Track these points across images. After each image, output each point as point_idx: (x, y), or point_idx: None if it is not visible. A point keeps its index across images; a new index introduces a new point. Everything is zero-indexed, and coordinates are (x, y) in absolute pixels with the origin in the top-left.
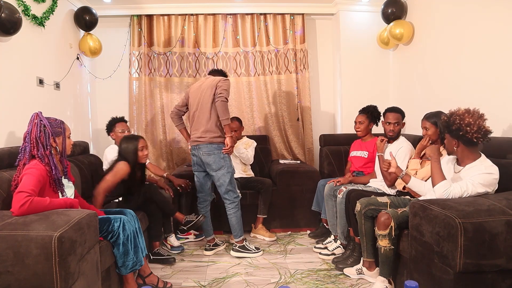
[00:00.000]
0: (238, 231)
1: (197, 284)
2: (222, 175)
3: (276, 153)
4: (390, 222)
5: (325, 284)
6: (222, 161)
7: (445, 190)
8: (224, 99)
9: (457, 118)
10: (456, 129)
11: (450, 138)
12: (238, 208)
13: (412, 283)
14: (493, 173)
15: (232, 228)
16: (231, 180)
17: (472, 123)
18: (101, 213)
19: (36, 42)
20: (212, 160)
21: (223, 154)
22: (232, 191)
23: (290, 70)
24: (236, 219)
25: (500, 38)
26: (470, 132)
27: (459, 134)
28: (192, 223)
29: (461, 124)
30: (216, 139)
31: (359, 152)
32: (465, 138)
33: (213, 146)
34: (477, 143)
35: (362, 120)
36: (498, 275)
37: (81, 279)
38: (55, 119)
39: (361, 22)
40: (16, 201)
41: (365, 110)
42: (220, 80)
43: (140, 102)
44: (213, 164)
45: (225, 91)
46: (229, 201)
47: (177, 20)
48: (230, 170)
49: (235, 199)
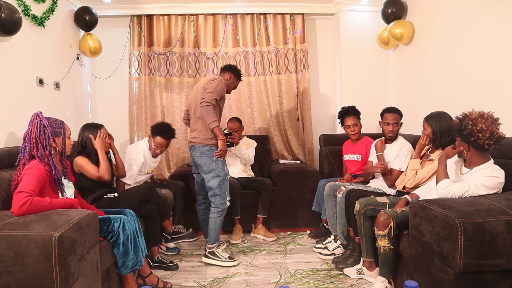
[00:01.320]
0: (212, 237)
1: (197, 284)
2: (211, 178)
3: (276, 153)
4: (389, 222)
5: (325, 284)
6: (213, 164)
7: (446, 187)
8: (206, 103)
9: (470, 122)
10: (467, 134)
11: (460, 141)
12: (221, 215)
13: (412, 283)
14: (499, 177)
15: (208, 231)
16: (220, 185)
17: (484, 129)
18: (101, 213)
19: (36, 42)
20: (203, 162)
21: (215, 157)
22: (219, 196)
23: (290, 70)
24: (215, 224)
25: (500, 38)
26: (482, 139)
27: (470, 139)
28: (179, 235)
29: (473, 130)
30: (208, 141)
31: (352, 155)
32: (476, 144)
33: (205, 147)
34: (488, 149)
35: (356, 123)
36: (498, 275)
37: (81, 279)
38: (55, 120)
39: (361, 22)
40: (16, 201)
41: (352, 111)
42: (208, 81)
43: (140, 102)
44: (204, 166)
45: (210, 93)
46: (214, 205)
47: (177, 20)
48: (221, 174)
49: (221, 205)
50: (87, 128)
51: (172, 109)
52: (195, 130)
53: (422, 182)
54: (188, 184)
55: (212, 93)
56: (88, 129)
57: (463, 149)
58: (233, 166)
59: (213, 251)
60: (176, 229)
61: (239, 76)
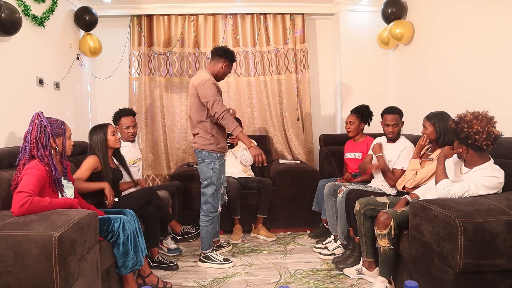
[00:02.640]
0: (206, 244)
1: (197, 284)
2: (206, 185)
3: (276, 153)
4: (389, 222)
5: (325, 284)
6: (210, 172)
7: (445, 188)
8: (221, 116)
9: (465, 125)
10: (464, 137)
11: (458, 145)
12: (211, 223)
13: (412, 283)
14: (499, 177)
15: (201, 239)
16: (214, 194)
17: (480, 130)
18: (101, 213)
19: (36, 42)
20: (200, 169)
21: (212, 165)
22: (210, 205)
23: (290, 70)
24: (206, 232)
25: (500, 38)
26: (479, 140)
27: (467, 142)
28: (189, 235)
29: (470, 133)
30: (207, 146)
31: (352, 153)
32: (474, 146)
33: (205, 153)
34: (487, 149)
35: (352, 120)
36: (498, 275)
37: (81, 279)
38: (56, 120)
39: (361, 22)
40: (16, 201)
41: (356, 110)
42: (198, 86)
43: (140, 102)
44: (201, 173)
45: (212, 102)
46: (203, 212)
47: (177, 20)
48: (216, 183)
49: (210, 213)
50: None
51: (172, 109)
52: (195, 135)
53: (422, 182)
54: (187, 184)
55: (213, 100)
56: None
57: (461, 151)
58: (233, 166)
59: (207, 256)
60: (185, 230)
61: (233, 60)
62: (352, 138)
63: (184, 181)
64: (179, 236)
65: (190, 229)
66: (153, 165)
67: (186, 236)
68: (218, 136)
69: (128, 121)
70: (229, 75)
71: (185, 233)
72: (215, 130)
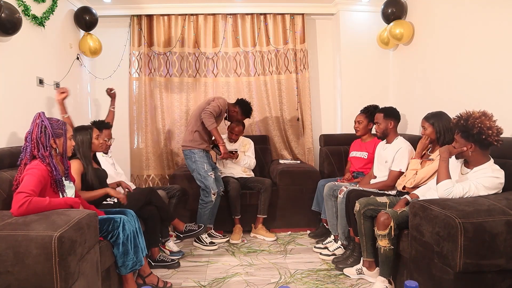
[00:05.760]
0: (199, 220)
1: (197, 284)
2: (196, 176)
3: (276, 153)
4: (389, 222)
5: (325, 284)
6: (194, 164)
7: (446, 189)
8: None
9: (476, 121)
10: (477, 132)
11: (464, 142)
12: (205, 207)
13: (412, 283)
14: (499, 177)
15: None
16: (202, 181)
17: (492, 126)
18: (101, 213)
19: (36, 42)
20: (187, 164)
21: (194, 159)
22: (205, 191)
23: (290, 70)
24: (202, 212)
25: (500, 38)
26: (492, 136)
27: (481, 137)
28: (193, 232)
29: (483, 128)
30: (188, 142)
31: (359, 152)
32: (486, 141)
33: (186, 151)
34: (496, 146)
35: (360, 120)
36: (498, 275)
37: (81, 279)
38: (57, 120)
39: (361, 22)
40: (15, 201)
41: (365, 109)
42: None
43: (140, 102)
44: (188, 168)
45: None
46: (201, 198)
47: (177, 20)
48: (201, 172)
49: (206, 198)
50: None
51: (172, 109)
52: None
53: (422, 182)
54: (187, 185)
55: (214, 107)
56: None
57: (466, 149)
58: (233, 166)
59: (199, 237)
60: (188, 227)
61: (246, 113)
62: (360, 138)
63: (184, 181)
64: (182, 234)
65: (193, 226)
66: (153, 165)
67: (190, 233)
68: (196, 135)
69: (107, 133)
70: (229, 75)
71: (188, 231)
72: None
